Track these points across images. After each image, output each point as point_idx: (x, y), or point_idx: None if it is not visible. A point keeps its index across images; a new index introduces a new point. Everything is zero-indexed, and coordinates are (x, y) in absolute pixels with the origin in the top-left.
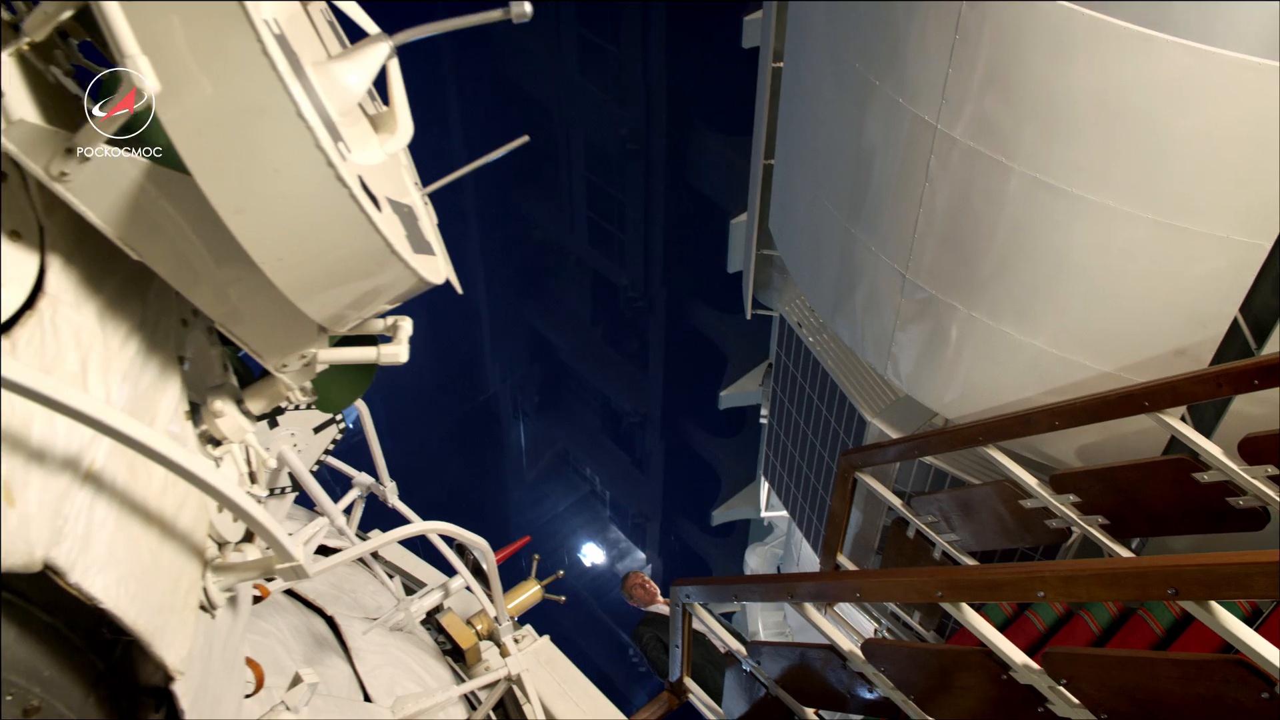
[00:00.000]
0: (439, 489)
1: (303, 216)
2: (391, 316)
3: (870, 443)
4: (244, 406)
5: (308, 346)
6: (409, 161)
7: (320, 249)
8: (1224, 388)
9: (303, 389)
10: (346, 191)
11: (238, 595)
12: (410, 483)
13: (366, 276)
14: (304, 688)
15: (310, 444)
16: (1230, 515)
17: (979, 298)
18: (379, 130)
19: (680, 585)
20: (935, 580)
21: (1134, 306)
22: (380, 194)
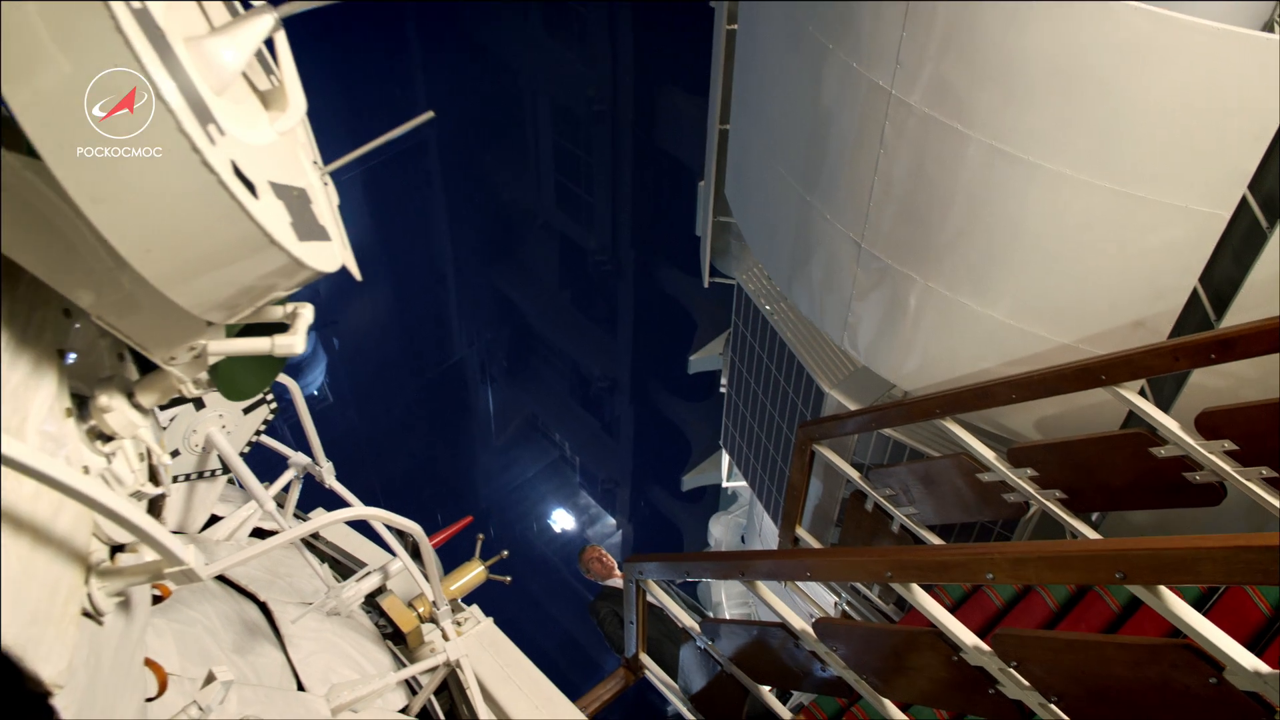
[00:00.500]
0: (406, 456)
1: (168, 205)
2: (292, 304)
3: (828, 414)
4: (135, 400)
5: (195, 338)
6: (309, 139)
7: (189, 239)
8: (1181, 361)
9: (196, 381)
10: (214, 178)
11: (131, 599)
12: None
13: (244, 267)
14: (217, 686)
15: (240, 426)
16: (1188, 490)
17: (936, 268)
18: (270, 107)
19: (633, 562)
20: (885, 561)
21: (1091, 277)
22: (266, 176)
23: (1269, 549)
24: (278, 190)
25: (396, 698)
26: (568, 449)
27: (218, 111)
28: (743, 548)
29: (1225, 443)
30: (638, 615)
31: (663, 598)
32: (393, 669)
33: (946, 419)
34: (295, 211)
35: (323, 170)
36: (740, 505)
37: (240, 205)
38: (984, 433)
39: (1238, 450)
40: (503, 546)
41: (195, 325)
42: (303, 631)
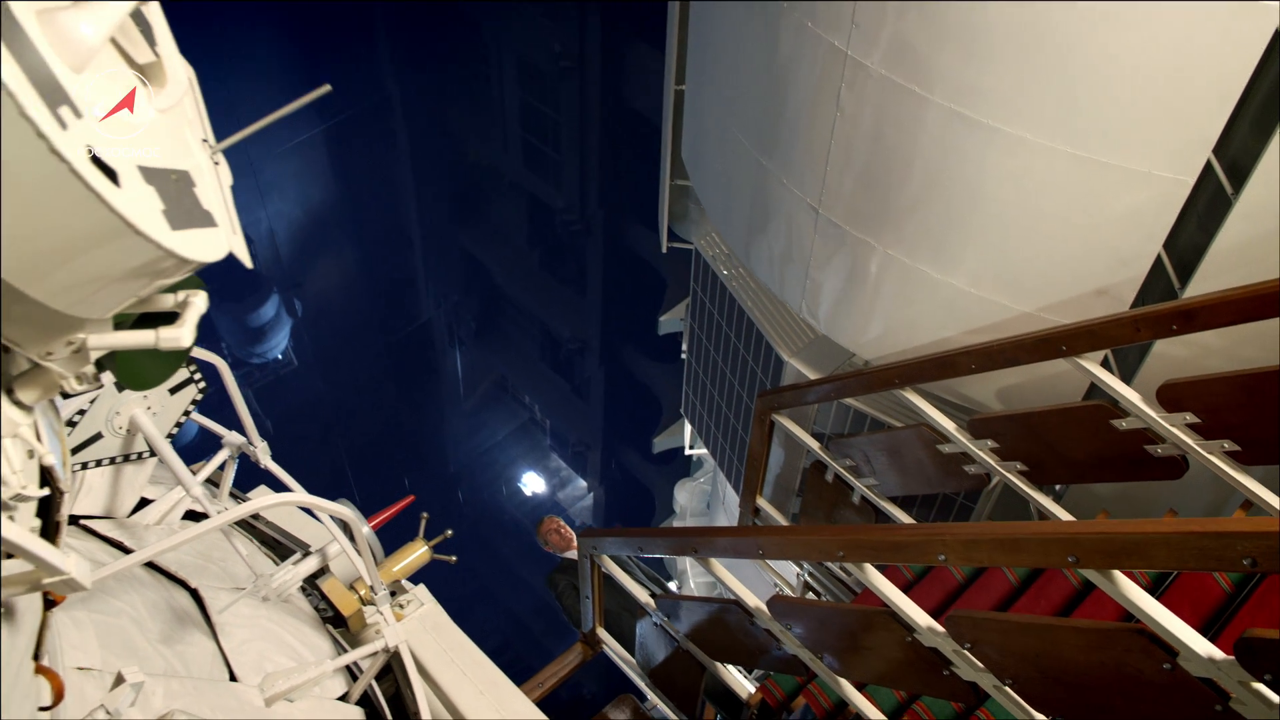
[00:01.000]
0: (373, 420)
1: (16, 196)
2: (184, 291)
3: (787, 384)
4: (14, 397)
5: (72, 333)
6: (199, 114)
7: (42, 231)
8: (1142, 332)
9: (81, 376)
10: (65, 166)
11: (15, 608)
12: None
13: (106, 259)
14: (126, 689)
15: (166, 406)
16: (1149, 463)
17: (894, 234)
18: (150, 84)
19: (587, 536)
20: (837, 540)
21: (1053, 244)
22: (137, 160)
23: (1222, 535)
24: (150, 175)
25: (335, 684)
26: (538, 411)
27: (75, 91)
28: (708, 515)
29: (1187, 415)
30: (593, 590)
31: (617, 572)
32: (332, 655)
33: (906, 389)
34: (171, 197)
35: (214, 148)
36: (706, 471)
37: (96, 194)
38: (946, 403)
39: (1200, 423)
40: (474, 510)
41: (68, 320)
42: (235, 619)
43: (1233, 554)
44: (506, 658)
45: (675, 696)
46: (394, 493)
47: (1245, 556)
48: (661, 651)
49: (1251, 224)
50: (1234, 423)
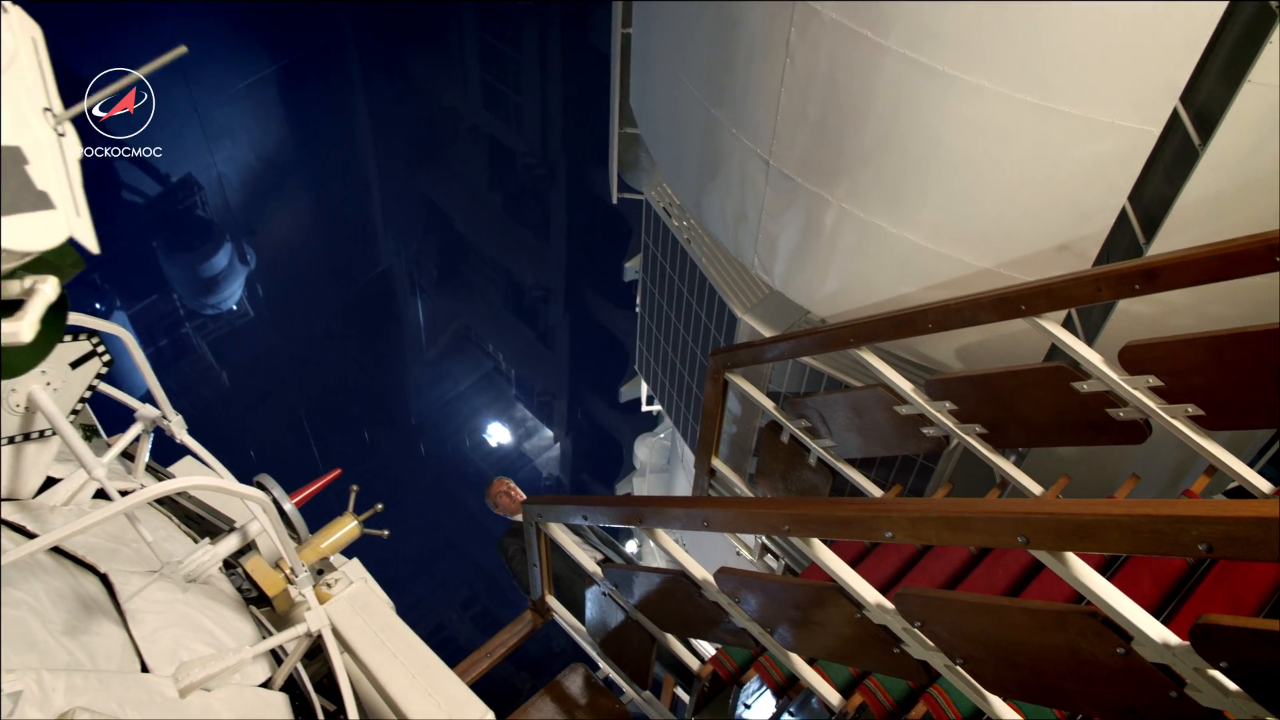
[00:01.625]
0: (332, 371)
1: None
2: (31, 277)
3: (741, 341)
4: None
5: None
6: (43, 80)
7: None
8: (1103, 291)
9: None
10: None
11: None
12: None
13: None
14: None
15: (68, 382)
16: (1111, 427)
17: (849, 187)
18: None
19: (531, 504)
20: (783, 514)
21: (1013, 198)
22: None
23: (1176, 519)
24: None
25: (258, 670)
26: (502, 360)
27: None
28: (668, 471)
29: (1149, 378)
30: (540, 558)
31: (564, 540)
32: (255, 639)
33: (863, 348)
34: None
35: (58, 118)
36: (667, 426)
37: None
38: (904, 362)
39: (1163, 386)
40: (437, 462)
41: None
42: (148, 605)
43: (1187, 538)
44: (475, 610)
45: (626, 666)
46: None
47: (1201, 541)
48: (611, 621)
49: (1220, 176)
50: (1198, 386)
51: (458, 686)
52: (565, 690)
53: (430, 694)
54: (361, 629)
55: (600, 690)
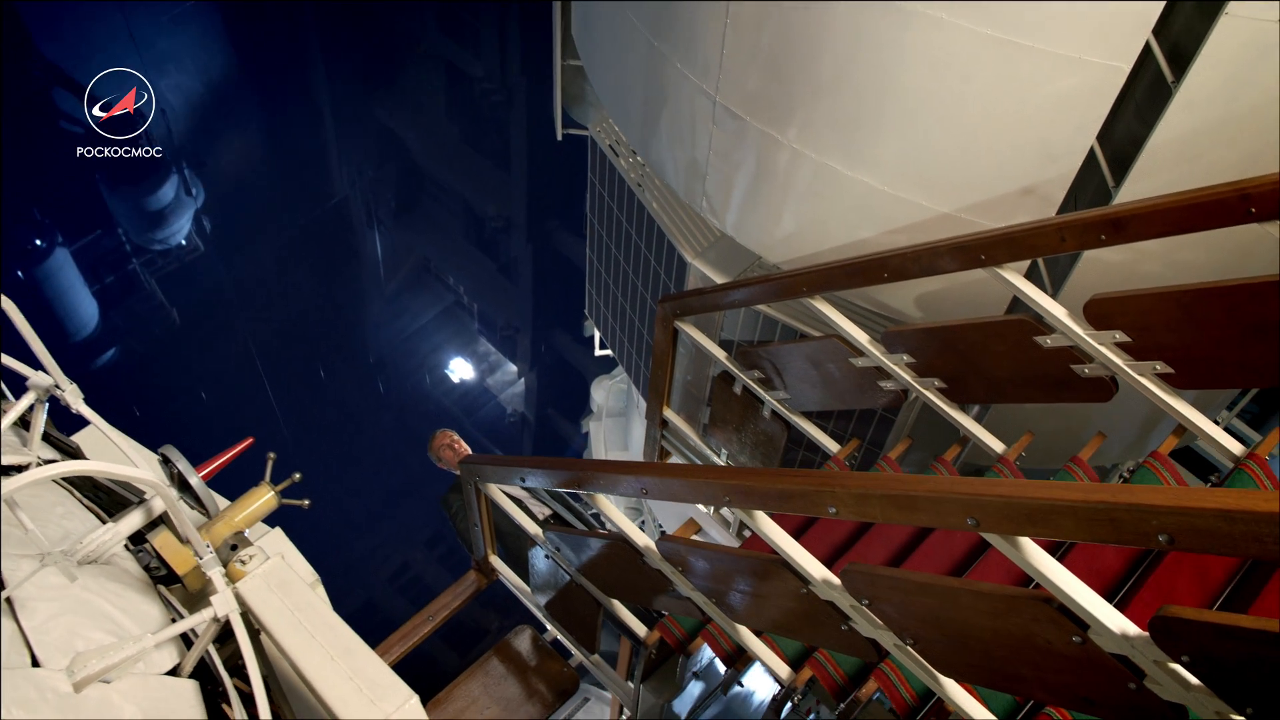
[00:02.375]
0: (287, 308)
1: None
2: None
3: (691, 288)
4: None
5: None
6: None
7: None
8: (1067, 241)
9: None
10: None
11: None
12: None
13: None
14: None
15: None
16: (1076, 383)
17: (800, 126)
18: None
19: (469, 464)
20: (724, 485)
21: (974, 138)
22: None
23: (1136, 508)
24: None
25: (164, 657)
26: (463, 294)
27: None
28: (624, 416)
29: (1116, 334)
30: (481, 518)
31: (503, 502)
32: (164, 622)
33: (816, 298)
34: None
35: None
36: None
37: None
38: (862, 311)
39: (1130, 343)
40: (398, 399)
41: None
42: (40, 591)
43: (1147, 528)
44: (440, 550)
45: (574, 630)
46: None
47: (1161, 532)
48: (556, 584)
49: (1194, 115)
50: (1167, 343)
51: (380, 669)
52: (512, 653)
53: (351, 677)
54: (277, 609)
55: (548, 653)
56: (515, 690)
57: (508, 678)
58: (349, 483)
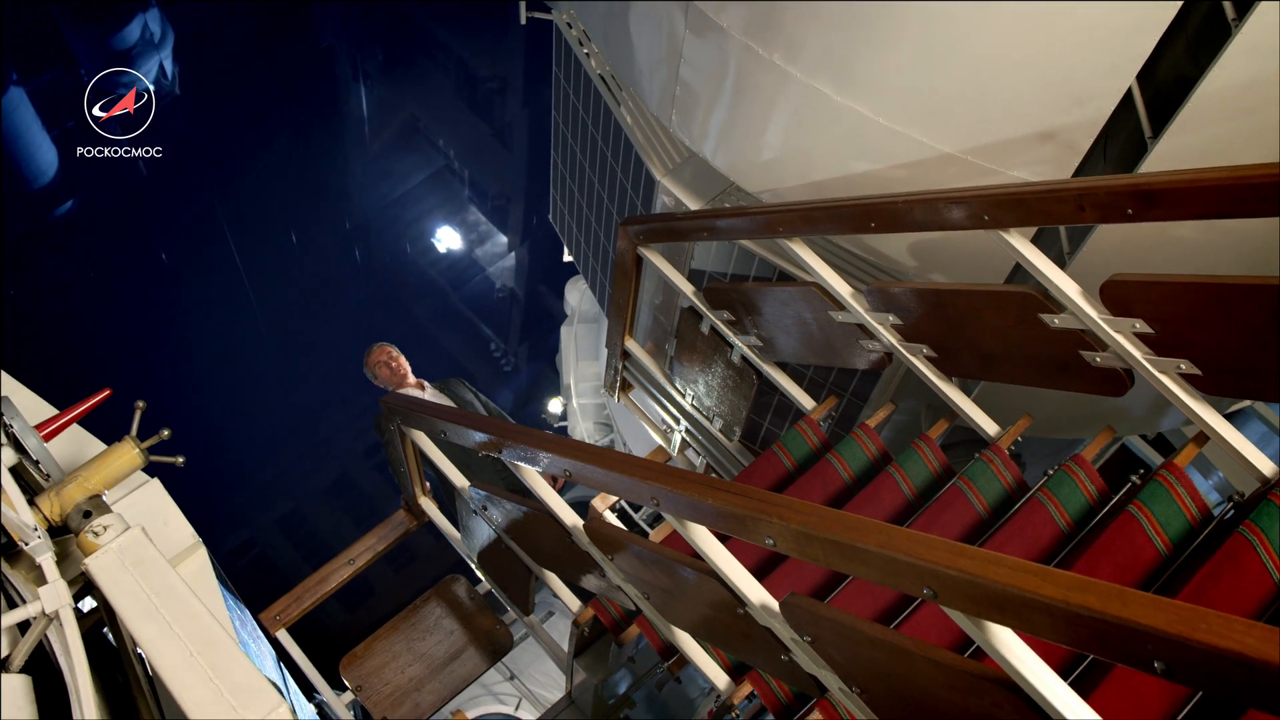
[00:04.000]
0: (266, 165)
1: None
2: None
3: (658, 211)
4: None
5: None
6: None
7: None
8: (1087, 212)
9: None
10: None
11: None
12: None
13: None
14: None
15: None
16: (1083, 372)
17: (786, 41)
18: None
19: (387, 403)
20: (650, 488)
21: (988, 68)
22: None
23: (1128, 626)
24: None
25: None
26: (453, 158)
27: None
28: (598, 323)
29: (1136, 322)
30: (408, 460)
31: (427, 447)
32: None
33: (794, 240)
34: None
35: None
36: None
37: None
38: (846, 255)
39: (1151, 334)
40: (381, 268)
41: None
42: None
43: (1141, 651)
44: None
45: (506, 587)
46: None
47: (1157, 659)
48: (487, 542)
49: (1257, 62)
50: (1196, 340)
51: (246, 670)
52: (441, 605)
53: (211, 678)
54: (131, 592)
55: (482, 607)
56: (442, 647)
57: (434, 632)
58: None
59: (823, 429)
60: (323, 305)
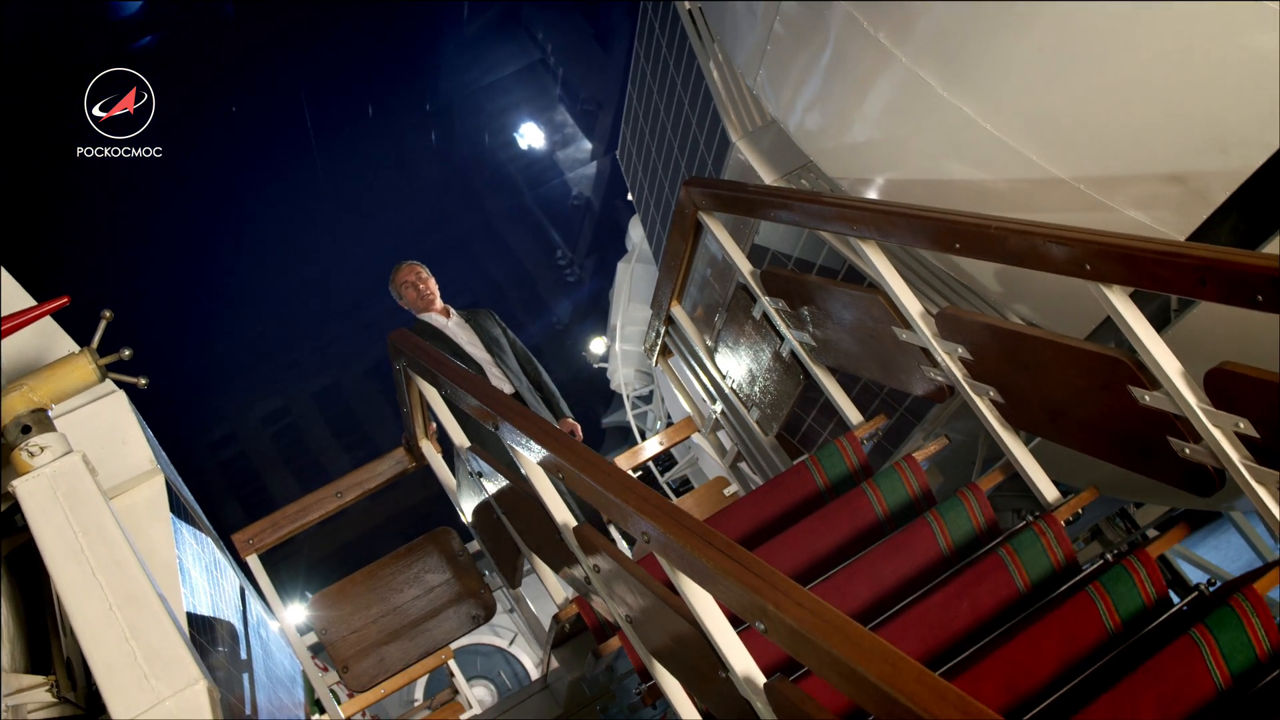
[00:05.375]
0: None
1: None
2: None
3: (729, 176)
4: None
5: None
6: None
7: None
8: (1207, 288)
9: None
10: None
11: None
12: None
13: None
14: None
15: None
16: (1167, 461)
17: (897, 22)
18: None
19: (394, 341)
20: (640, 521)
21: (1122, 89)
22: None
23: None
24: None
25: None
26: (550, 53)
27: None
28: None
29: (1241, 422)
30: (411, 404)
31: (431, 396)
32: None
33: (869, 241)
34: None
35: None
36: None
37: None
38: (924, 265)
39: (1257, 439)
40: (458, 154)
41: None
42: None
43: None
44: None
45: (495, 555)
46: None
47: None
48: (480, 507)
49: None
50: None
51: (167, 635)
52: (423, 558)
53: (128, 638)
54: (57, 526)
55: (468, 568)
56: (420, 604)
57: (414, 585)
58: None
59: (865, 448)
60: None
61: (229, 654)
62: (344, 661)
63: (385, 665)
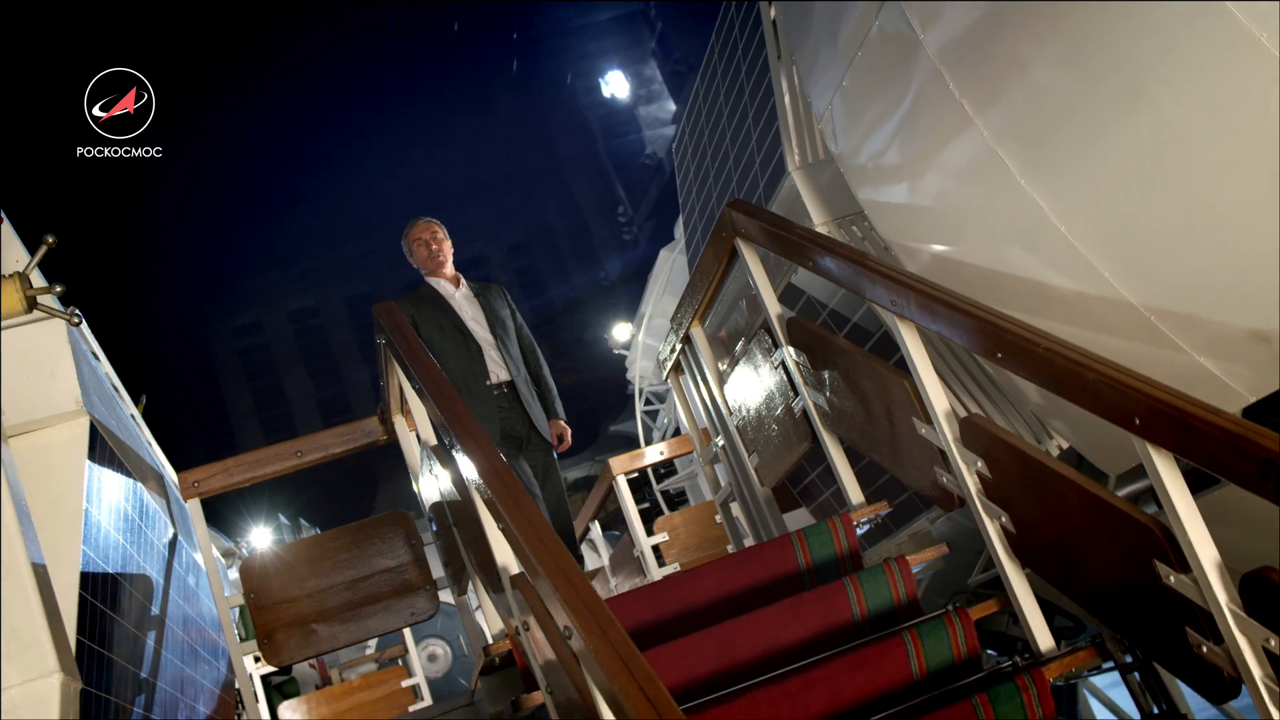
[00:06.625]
0: None
1: None
2: None
3: (776, 205)
4: None
5: None
6: None
7: None
8: (1269, 485)
9: None
10: None
11: None
12: None
13: None
14: None
15: None
16: (1182, 653)
17: (983, 86)
18: None
19: (379, 312)
20: (576, 620)
21: (1222, 226)
22: None
23: None
24: None
25: None
26: (652, 6)
27: None
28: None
29: (1274, 639)
30: (387, 378)
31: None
32: None
33: (908, 323)
34: None
35: None
36: None
37: None
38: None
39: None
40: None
41: None
42: None
43: None
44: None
45: (446, 555)
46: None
47: None
48: (435, 504)
49: None
50: None
51: (31, 618)
52: (368, 539)
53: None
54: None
55: (418, 560)
56: (359, 588)
57: (356, 567)
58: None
59: (858, 533)
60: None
61: (135, 611)
62: (268, 631)
63: (310, 644)
